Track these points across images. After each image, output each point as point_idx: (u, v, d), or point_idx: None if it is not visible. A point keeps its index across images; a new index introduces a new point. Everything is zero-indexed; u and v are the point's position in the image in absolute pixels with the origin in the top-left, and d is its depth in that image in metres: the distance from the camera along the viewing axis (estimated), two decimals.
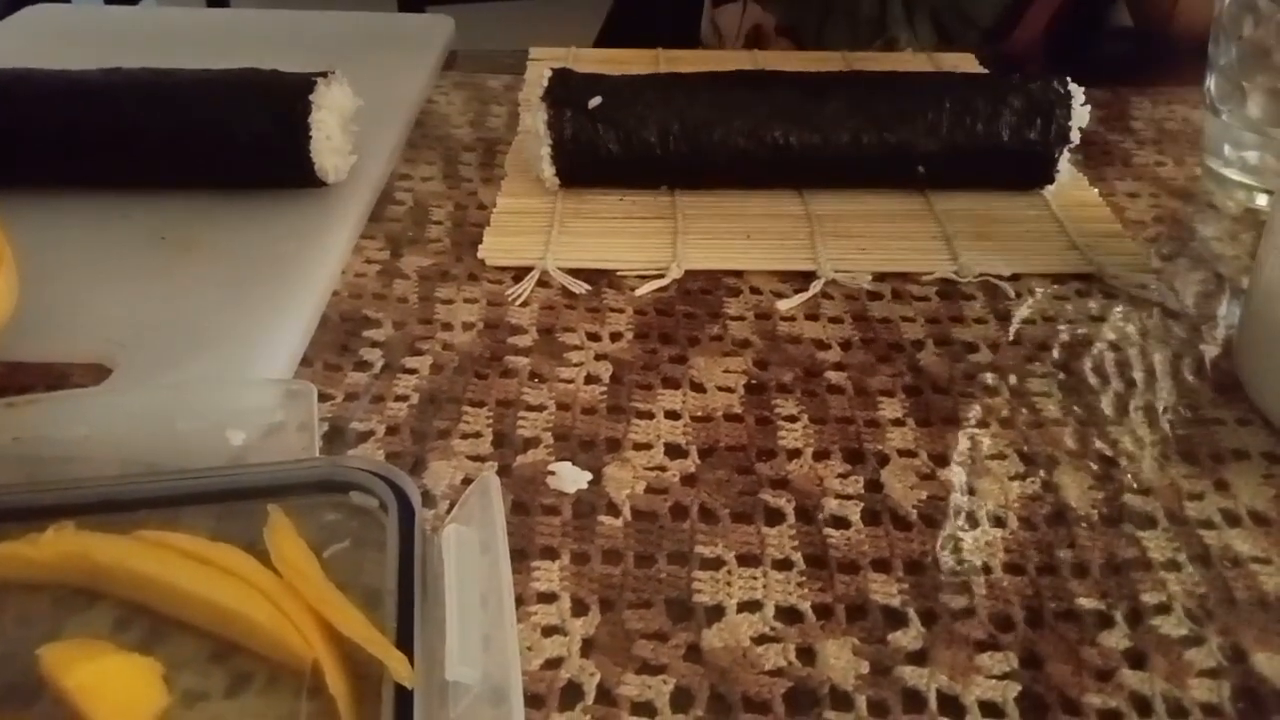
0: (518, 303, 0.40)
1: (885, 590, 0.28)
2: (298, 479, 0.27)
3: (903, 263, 0.42)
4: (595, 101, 0.43)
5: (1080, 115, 0.44)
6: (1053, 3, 0.76)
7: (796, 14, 0.74)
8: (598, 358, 0.37)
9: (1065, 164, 0.45)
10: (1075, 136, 0.44)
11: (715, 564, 0.29)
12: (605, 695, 0.25)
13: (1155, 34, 0.41)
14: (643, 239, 0.43)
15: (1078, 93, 0.44)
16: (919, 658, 0.26)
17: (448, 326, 0.38)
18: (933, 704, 0.25)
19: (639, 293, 0.40)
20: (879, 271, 0.41)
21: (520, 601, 0.27)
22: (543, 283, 0.41)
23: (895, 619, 0.27)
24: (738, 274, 0.42)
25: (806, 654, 0.26)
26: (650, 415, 0.34)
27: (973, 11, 0.79)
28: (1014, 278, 0.41)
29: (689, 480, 0.32)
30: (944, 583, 0.28)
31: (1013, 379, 0.36)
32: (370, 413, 0.34)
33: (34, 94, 0.42)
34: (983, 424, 0.34)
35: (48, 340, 0.35)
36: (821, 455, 0.33)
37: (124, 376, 0.34)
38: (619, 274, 0.41)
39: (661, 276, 0.41)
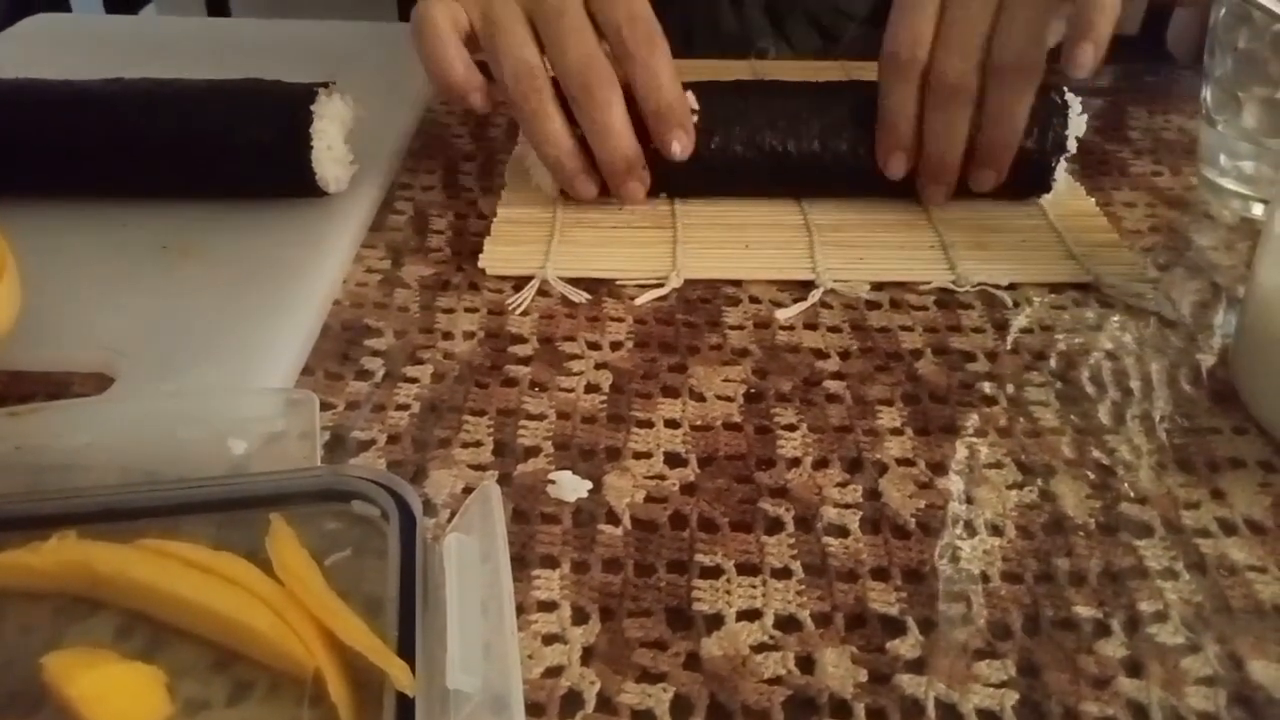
0: (518, 312, 0.40)
1: (884, 599, 0.28)
2: (299, 488, 0.27)
3: (900, 272, 0.42)
4: None
5: (1077, 125, 0.44)
6: None
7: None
8: (598, 367, 0.37)
9: (1062, 173, 0.45)
10: (1072, 146, 0.45)
11: (715, 573, 0.29)
12: (605, 703, 0.25)
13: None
14: (642, 248, 0.43)
15: (1075, 102, 0.44)
16: (917, 666, 0.26)
17: (448, 335, 0.38)
18: (931, 712, 0.25)
19: (638, 302, 0.40)
20: (877, 281, 0.42)
21: (521, 610, 0.27)
22: (543, 292, 0.41)
23: (894, 627, 0.27)
24: (737, 283, 0.42)
25: (805, 662, 0.27)
26: (650, 424, 0.34)
27: (848, 5, 0.78)
28: (1011, 287, 0.42)
29: (688, 489, 0.32)
30: (942, 591, 0.28)
31: (1010, 388, 0.36)
32: (371, 421, 0.34)
33: (36, 103, 0.42)
34: (980, 433, 0.34)
35: (50, 349, 0.35)
36: (820, 464, 0.33)
37: (125, 385, 0.34)
38: (619, 283, 0.41)
39: (661, 286, 0.41)
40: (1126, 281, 0.42)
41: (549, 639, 0.27)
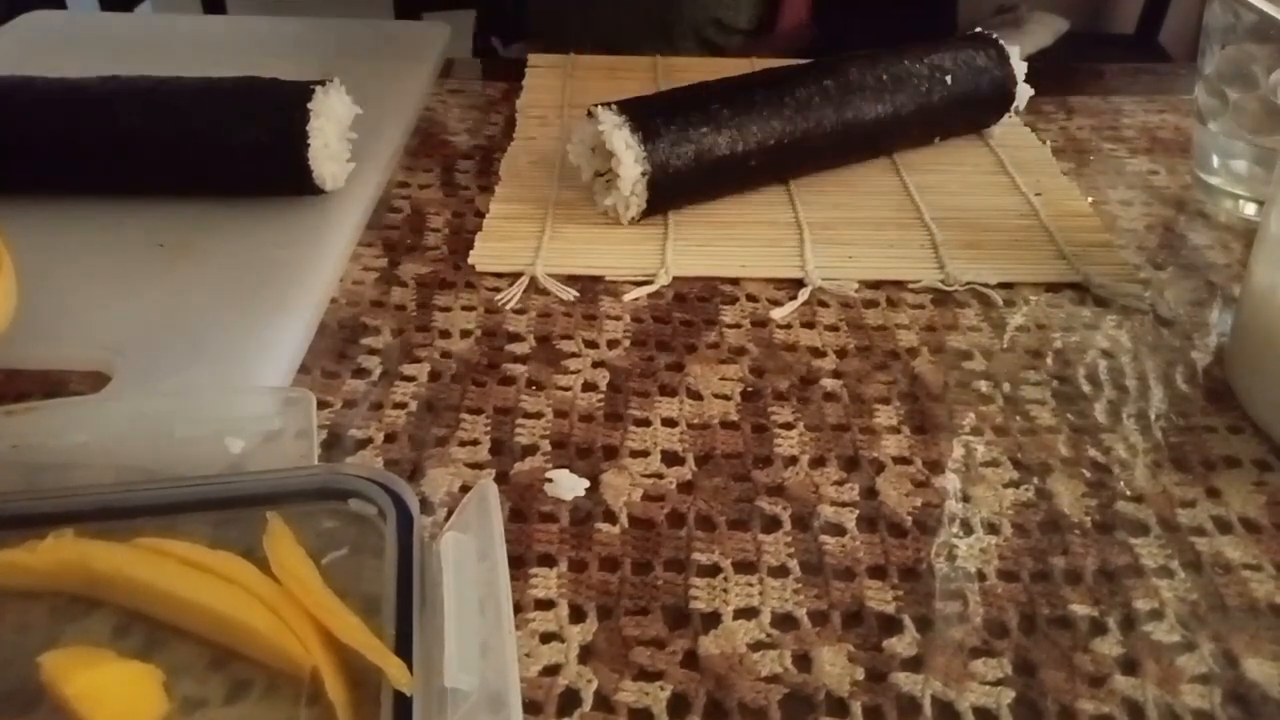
0: (508, 307, 0.40)
1: (880, 597, 0.28)
2: (296, 486, 0.27)
3: (890, 271, 0.42)
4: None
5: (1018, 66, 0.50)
6: None
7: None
8: (595, 365, 0.37)
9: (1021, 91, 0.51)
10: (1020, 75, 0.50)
11: (712, 571, 0.29)
12: (603, 702, 0.25)
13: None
14: (633, 245, 0.43)
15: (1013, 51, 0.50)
16: (914, 664, 0.27)
17: (445, 334, 0.38)
18: (928, 710, 0.25)
19: (627, 299, 0.40)
20: (866, 279, 0.42)
21: (518, 608, 0.27)
22: (542, 291, 0.41)
23: (890, 625, 0.28)
24: (734, 282, 0.42)
25: (802, 660, 0.27)
26: (647, 423, 0.34)
27: (730, 18, 0.84)
28: (1002, 286, 0.42)
29: (686, 487, 0.32)
30: (938, 589, 0.29)
31: (1007, 386, 0.36)
32: (368, 420, 0.34)
33: (32, 101, 0.42)
34: (977, 431, 0.34)
35: (46, 347, 0.35)
36: (817, 462, 0.33)
37: (122, 384, 0.34)
38: (615, 281, 0.41)
39: (650, 283, 0.41)
40: (1116, 281, 0.42)
41: (546, 637, 0.27)
